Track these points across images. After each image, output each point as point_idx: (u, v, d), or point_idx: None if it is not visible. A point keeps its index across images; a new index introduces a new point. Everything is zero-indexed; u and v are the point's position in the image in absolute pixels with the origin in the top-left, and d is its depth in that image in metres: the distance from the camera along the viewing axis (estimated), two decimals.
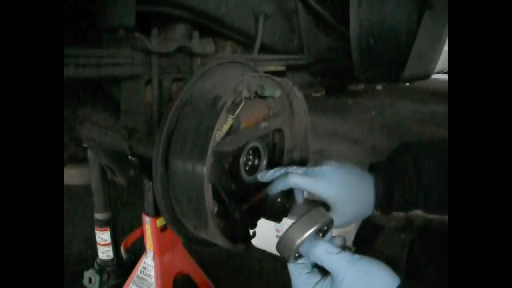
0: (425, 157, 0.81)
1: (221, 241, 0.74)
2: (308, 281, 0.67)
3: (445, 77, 5.38)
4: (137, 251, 1.44)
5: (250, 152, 0.87)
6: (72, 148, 1.36)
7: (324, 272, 0.67)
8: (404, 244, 1.91)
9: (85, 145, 1.30)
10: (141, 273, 1.28)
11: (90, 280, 1.56)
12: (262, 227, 0.90)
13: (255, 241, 0.86)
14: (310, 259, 0.67)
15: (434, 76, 1.72)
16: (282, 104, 0.90)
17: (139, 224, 1.26)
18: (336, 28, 1.38)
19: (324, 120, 4.84)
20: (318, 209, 0.68)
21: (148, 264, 1.26)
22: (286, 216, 0.89)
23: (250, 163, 0.88)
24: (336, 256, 0.64)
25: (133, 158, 0.98)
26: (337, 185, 0.79)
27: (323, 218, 0.67)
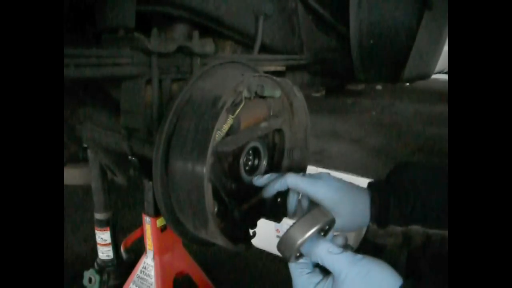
0: (422, 174, 0.81)
1: (221, 241, 0.74)
2: (309, 281, 0.66)
3: (445, 77, 5.39)
4: (137, 251, 1.44)
5: (250, 152, 0.87)
6: (72, 148, 1.36)
7: (325, 272, 0.66)
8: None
9: (85, 145, 1.30)
10: (141, 273, 1.28)
11: (90, 280, 1.56)
12: (262, 227, 0.90)
13: (255, 241, 0.86)
14: (312, 258, 0.66)
15: (434, 76, 1.72)
16: (282, 104, 0.90)
17: (139, 224, 1.25)
18: (336, 28, 1.37)
19: (324, 120, 4.84)
20: (320, 208, 0.68)
21: (148, 264, 1.26)
22: (286, 216, 0.89)
23: (250, 163, 0.88)
24: (338, 256, 0.63)
25: (133, 158, 0.98)
26: (334, 187, 0.79)
27: (325, 217, 0.66)
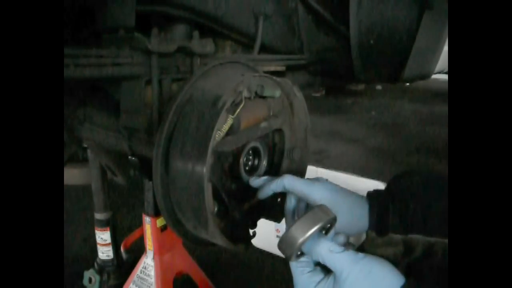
0: (422, 183, 0.80)
1: (221, 241, 0.74)
2: (310, 279, 0.65)
3: (445, 77, 5.39)
4: (137, 251, 1.44)
5: (250, 152, 0.87)
6: (72, 148, 1.36)
7: (326, 270, 0.66)
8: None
9: (85, 145, 1.30)
10: (141, 273, 1.28)
11: (90, 280, 1.57)
12: (262, 227, 0.90)
13: (255, 241, 0.86)
14: (313, 257, 0.66)
15: (434, 76, 1.72)
16: (282, 104, 0.90)
17: (139, 224, 1.26)
18: (336, 28, 1.37)
19: (324, 120, 4.85)
20: (321, 206, 0.67)
21: (148, 264, 1.26)
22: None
23: (250, 163, 0.88)
24: (339, 255, 0.63)
25: (133, 158, 0.98)
26: (330, 189, 0.79)
27: (326, 216, 0.65)
